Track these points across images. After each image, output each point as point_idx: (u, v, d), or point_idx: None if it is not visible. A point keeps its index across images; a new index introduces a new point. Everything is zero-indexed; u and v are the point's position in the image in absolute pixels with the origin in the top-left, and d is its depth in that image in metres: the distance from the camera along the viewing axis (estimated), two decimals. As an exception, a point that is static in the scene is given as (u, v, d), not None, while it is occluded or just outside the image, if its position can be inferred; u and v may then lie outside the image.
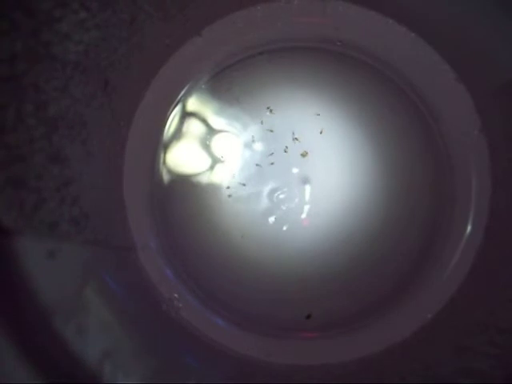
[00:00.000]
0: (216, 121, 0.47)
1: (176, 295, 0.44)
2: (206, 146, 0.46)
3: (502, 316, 0.36)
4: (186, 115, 0.46)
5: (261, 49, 0.47)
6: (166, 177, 0.46)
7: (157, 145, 0.46)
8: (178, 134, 0.46)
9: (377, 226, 0.46)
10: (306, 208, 0.46)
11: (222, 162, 0.46)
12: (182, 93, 0.46)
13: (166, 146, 0.46)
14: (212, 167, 0.46)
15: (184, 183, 0.46)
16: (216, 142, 0.46)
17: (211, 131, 0.46)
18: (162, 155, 0.46)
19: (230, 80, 0.47)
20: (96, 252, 0.37)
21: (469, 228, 0.44)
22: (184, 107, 0.47)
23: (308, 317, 0.45)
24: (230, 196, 0.46)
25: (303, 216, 0.46)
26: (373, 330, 0.45)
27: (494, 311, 0.37)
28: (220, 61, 0.47)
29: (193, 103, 0.47)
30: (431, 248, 0.46)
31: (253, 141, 0.46)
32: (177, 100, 0.46)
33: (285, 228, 0.46)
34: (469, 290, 0.42)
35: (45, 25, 0.31)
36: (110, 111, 0.40)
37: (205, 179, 0.46)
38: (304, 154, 0.46)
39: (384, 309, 0.45)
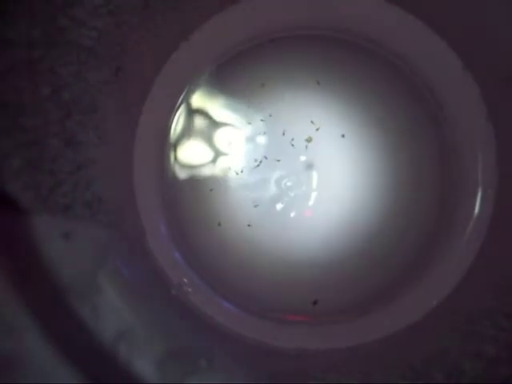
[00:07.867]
0: (224, 109, 0.47)
1: (185, 280, 0.45)
2: (215, 134, 0.47)
3: (508, 301, 0.37)
4: (195, 103, 0.47)
5: (271, 36, 0.47)
6: (175, 163, 0.46)
7: (167, 132, 0.46)
8: (187, 121, 0.47)
9: (384, 212, 0.46)
10: (314, 195, 0.46)
11: (231, 149, 0.47)
12: (193, 79, 0.47)
13: (176, 134, 0.47)
14: (220, 155, 0.47)
15: (193, 170, 0.47)
16: (224, 130, 0.47)
17: (219, 120, 0.47)
18: (171, 143, 0.47)
19: (240, 67, 0.47)
20: (109, 236, 0.37)
21: (475, 216, 0.45)
22: (194, 94, 0.47)
23: (315, 303, 0.46)
24: (238, 183, 0.46)
25: (310, 203, 0.46)
26: (379, 317, 0.45)
27: (500, 297, 0.38)
28: (230, 48, 0.47)
29: (202, 90, 0.47)
30: (437, 235, 0.46)
31: (260, 129, 0.46)
32: (187, 87, 0.47)
33: (292, 215, 0.46)
34: (475, 276, 0.43)
35: (60, 10, 0.31)
36: (121, 97, 0.40)
37: (213, 167, 0.46)
38: (309, 140, 0.46)
39: (390, 295, 0.45)
